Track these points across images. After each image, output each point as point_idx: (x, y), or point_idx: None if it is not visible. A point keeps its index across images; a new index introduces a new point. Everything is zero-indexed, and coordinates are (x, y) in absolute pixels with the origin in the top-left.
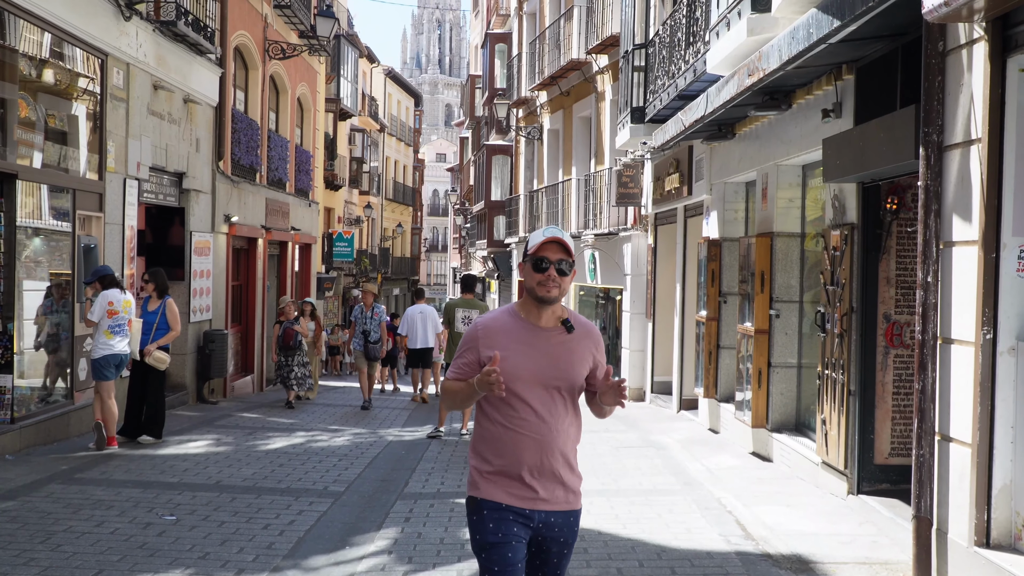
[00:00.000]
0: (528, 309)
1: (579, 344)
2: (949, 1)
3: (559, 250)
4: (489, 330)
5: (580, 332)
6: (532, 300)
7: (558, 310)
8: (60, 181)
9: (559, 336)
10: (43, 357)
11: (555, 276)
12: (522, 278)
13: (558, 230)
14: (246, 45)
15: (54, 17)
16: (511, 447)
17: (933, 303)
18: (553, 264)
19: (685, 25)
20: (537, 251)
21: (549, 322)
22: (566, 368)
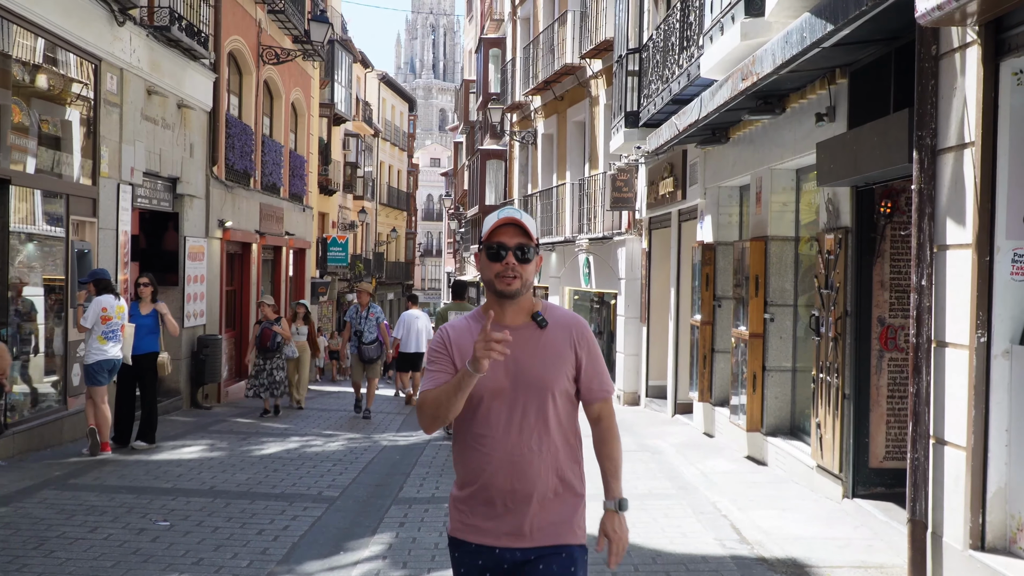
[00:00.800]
0: (492, 306)
1: (554, 340)
2: (942, 5)
3: (517, 233)
4: (456, 332)
5: (556, 327)
6: (493, 296)
7: (527, 304)
8: (54, 186)
9: (530, 333)
10: (36, 362)
11: (514, 265)
12: (479, 271)
13: (515, 210)
14: (240, 50)
15: (48, 23)
16: (479, 469)
17: (927, 306)
18: (511, 250)
19: (679, 29)
20: (491, 236)
21: (517, 319)
22: (540, 371)
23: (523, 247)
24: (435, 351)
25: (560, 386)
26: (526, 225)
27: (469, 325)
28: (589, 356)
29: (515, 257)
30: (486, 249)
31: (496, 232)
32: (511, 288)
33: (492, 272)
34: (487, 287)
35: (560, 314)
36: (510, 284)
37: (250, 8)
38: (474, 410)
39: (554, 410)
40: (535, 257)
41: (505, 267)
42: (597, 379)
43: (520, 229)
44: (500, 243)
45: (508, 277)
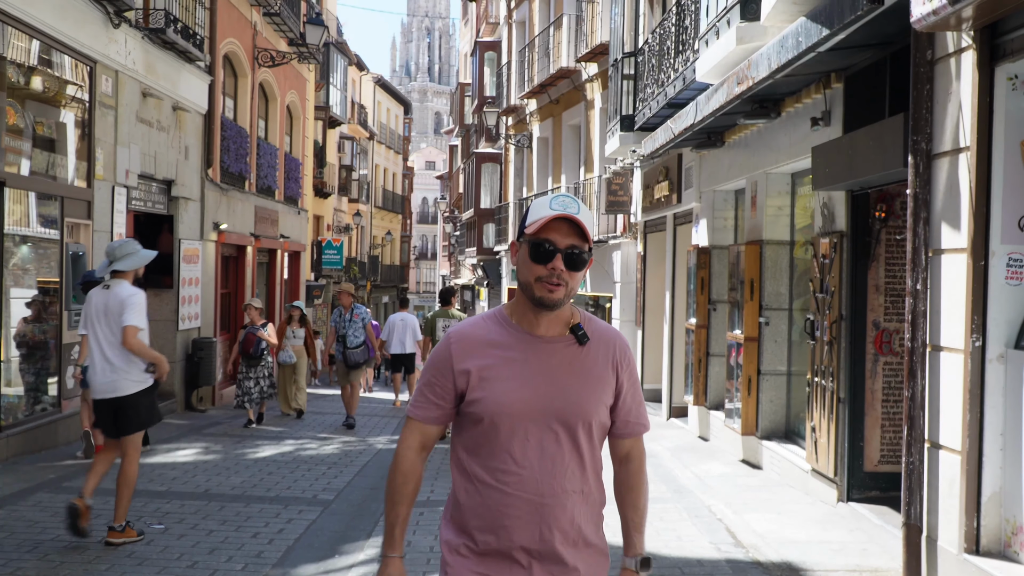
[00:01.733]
0: (522, 313)
1: (596, 361)
2: (937, 10)
3: (572, 232)
4: (467, 341)
5: (597, 343)
6: (527, 302)
7: (566, 313)
8: (48, 189)
9: (567, 349)
10: (30, 365)
11: (562, 270)
12: (515, 267)
13: (571, 199)
14: (235, 53)
15: (43, 24)
16: (497, 515)
17: (922, 311)
18: (561, 252)
19: (674, 34)
20: (539, 230)
21: (552, 329)
22: (577, 396)
23: (576, 251)
24: (432, 365)
25: (599, 416)
26: (583, 224)
27: (486, 331)
28: (630, 381)
29: (565, 261)
30: (531, 246)
31: (547, 227)
32: (553, 297)
33: (533, 274)
34: (522, 289)
35: (600, 328)
36: (553, 292)
37: (245, 11)
38: (493, 435)
39: (588, 444)
40: (587, 264)
41: (551, 272)
42: (636, 409)
43: (576, 228)
44: (550, 241)
45: (552, 284)
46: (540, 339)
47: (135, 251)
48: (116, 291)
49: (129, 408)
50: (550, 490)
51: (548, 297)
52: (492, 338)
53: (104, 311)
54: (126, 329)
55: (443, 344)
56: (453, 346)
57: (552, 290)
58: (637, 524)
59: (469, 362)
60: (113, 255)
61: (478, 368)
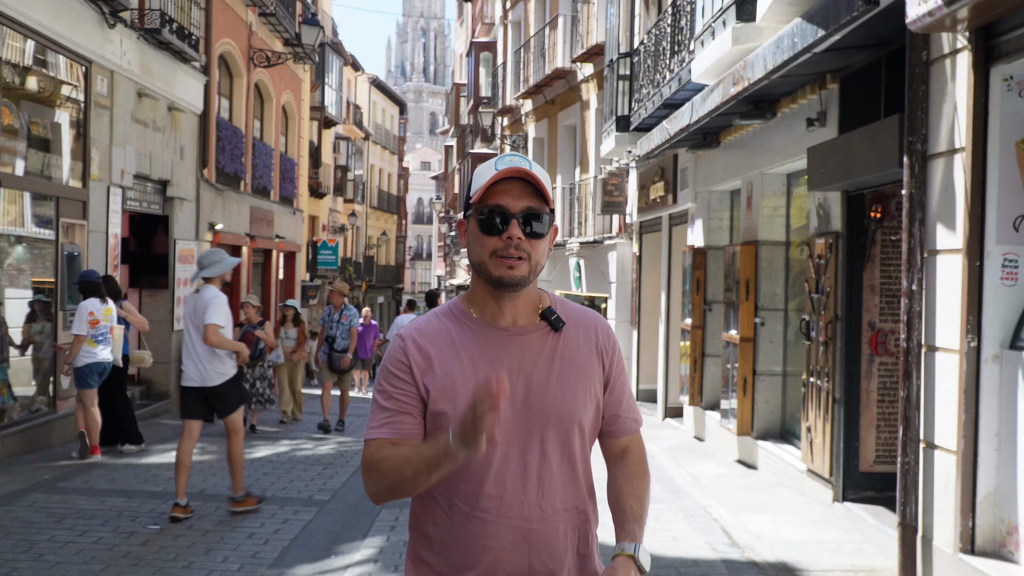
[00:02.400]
0: (481, 302)
1: (577, 349)
2: (933, 11)
3: (525, 191)
4: (423, 342)
5: (575, 328)
6: (485, 286)
7: (533, 297)
8: (43, 189)
9: (541, 340)
10: (26, 365)
11: (520, 238)
12: (465, 247)
13: (521, 157)
14: (231, 53)
15: (38, 24)
16: (476, 548)
17: (918, 311)
18: (516, 217)
19: (670, 34)
20: (487, 196)
21: (520, 318)
22: (562, 393)
23: (534, 214)
24: (390, 371)
25: (587, 414)
26: (539, 179)
27: (444, 327)
28: (618, 368)
29: (522, 228)
30: (477, 215)
31: (494, 190)
32: (514, 274)
33: (486, 250)
34: (476, 272)
35: (576, 311)
36: (513, 268)
37: (241, 11)
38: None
39: (581, 450)
40: (550, 227)
41: (506, 242)
42: (626, 401)
43: (531, 187)
44: (499, 207)
45: (510, 257)
46: (507, 331)
47: (221, 259)
48: (203, 294)
49: (219, 397)
50: (539, 512)
51: (508, 275)
52: (451, 337)
53: (193, 312)
54: (207, 327)
55: (396, 347)
56: (408, 347)
57: (512, 265)
58: (639, 515)
59: (427, 367)
60: (201, 263)
61: (439, 376)
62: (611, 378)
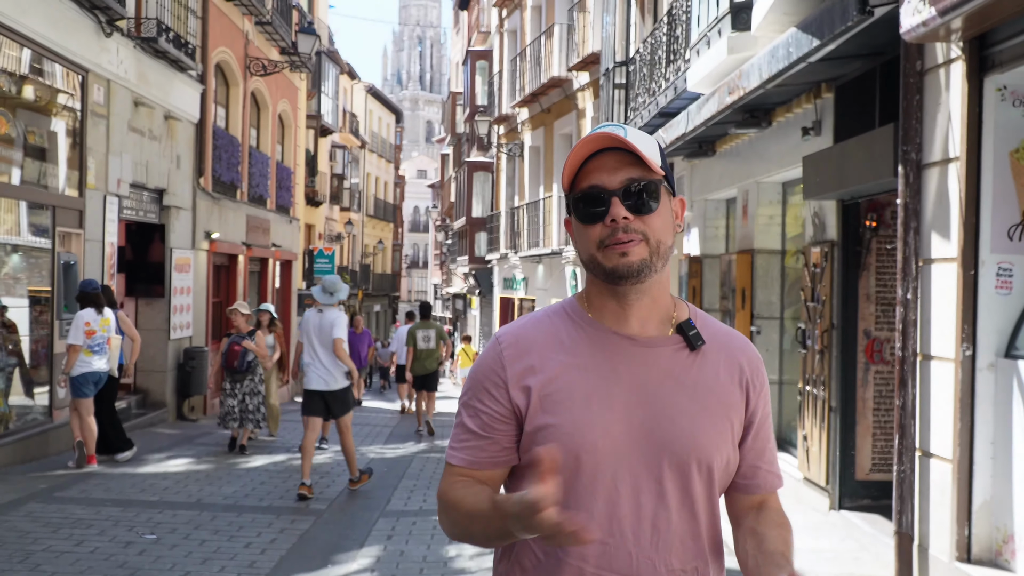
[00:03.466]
0: (600, 303)
1: (716, 375)
2: (927, 21)
3: (623, 161)
4: (524, 343)
5: (716, 349)
6: (603, 285)
7: (666, 304)
8: (40, 198)
9: (673, 356)
10: (22, 374)
11: (627, 217)
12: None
13: (616, 124)
14: (227, 62)
15: (34, 33)
16: None
17: (913, 320)
18: (616, 194)
19: (665, 43)
20: (578, 180)
21: (649, 326)
22: (691, 424)
23: (640, 185)
24: (479, 382)
25: (721, 455)
26: (635, 147)
27: (553, 327)
28: (764, 411)
29: (627, 205)
30: (574, 206)
31: (586, 170)
32: (630, 261)
33: (592, 241)
34: (589, 271)
35: (720, 330)
36: (628, 253)
37: (237, 20)
38: (566, 483)
39: (707, 498)
40: (668, 200)
41: (611, 227)
42: (770, 453)
43: (628, 154)
44: (595, 188)
45: (621, 242)
46: (633, 340)
47: (343, 287)
48: (327, 314)
49: (339, 399)
50: (650, 568)
51: (623, 263)
52: (561, 339)
53: (319, 328)
54: (336, 341)
55: (490, 349)
56: (505, 350)
57: (626, 250)
58: (787, 555)
59: (529, 374)
60: (330, 290)
61: (542, 383)
62: (756, 420)
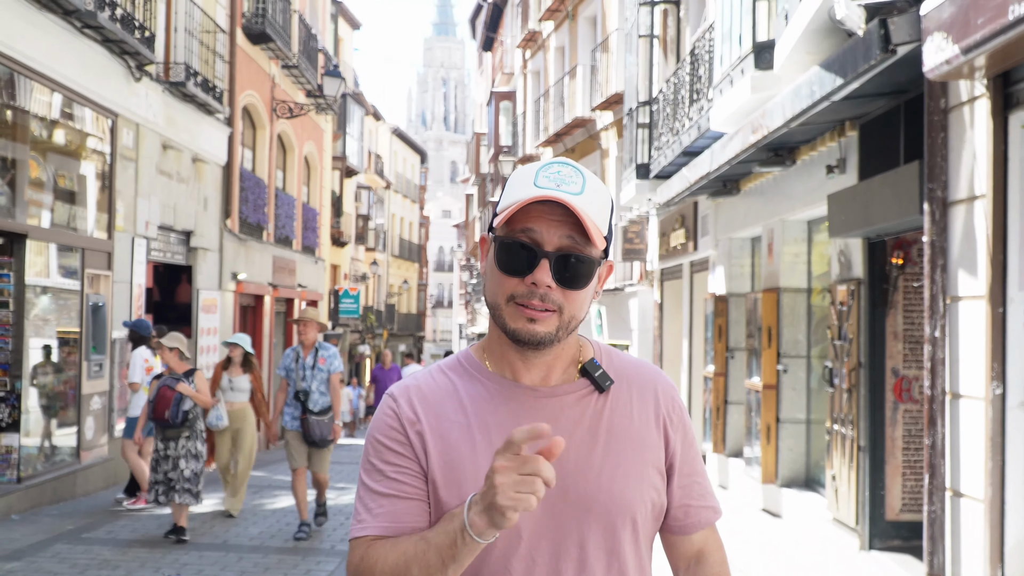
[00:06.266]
0: (500, 353)
1: (630, 415)
2: (951, 59)
3: (569, 219)
4: (420, 398)
5: (627, 388)
6: (504, 337)
7: (570, 347)
8: (69, 240)
9: (580, 403)
10: (50, 416)
11: (549, 285)
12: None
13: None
14: (254, 105)
15: (66, 79)
16: None
17: (941, 358)
18: (548, 256)
19: (688, 83)
20: (515, 219)
21: (552, 374)
22: (609, 477)
23: (576, 259)
24: (379, 442)
25: (645, 505)
26: (586, 223)
27: (448, 384)
28: (686, 442)
29: (555, 271)
30: (498, 246)
31: (527, 214)
32: (535, 330)
33: (503, 291)
34: (492, 315)
35: (627, 365)
36: (535, 321)
37: (264, 64)
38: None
39: (634, 555)
40: (596, 272)
41: (530, 289)
42: (699, 486)
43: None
44: (529, 239)
45: (533, 308)
46: (535, 392)
47: None
48: None
49: None
50: None
51: (528, 330)
52: (458, 397)
53: None
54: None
55: (385, 409)
56: (403, 410)
57: (535, 318)
58: None
59: (425, 435)
60: None
61: (439, 449)
62: (676, 457)
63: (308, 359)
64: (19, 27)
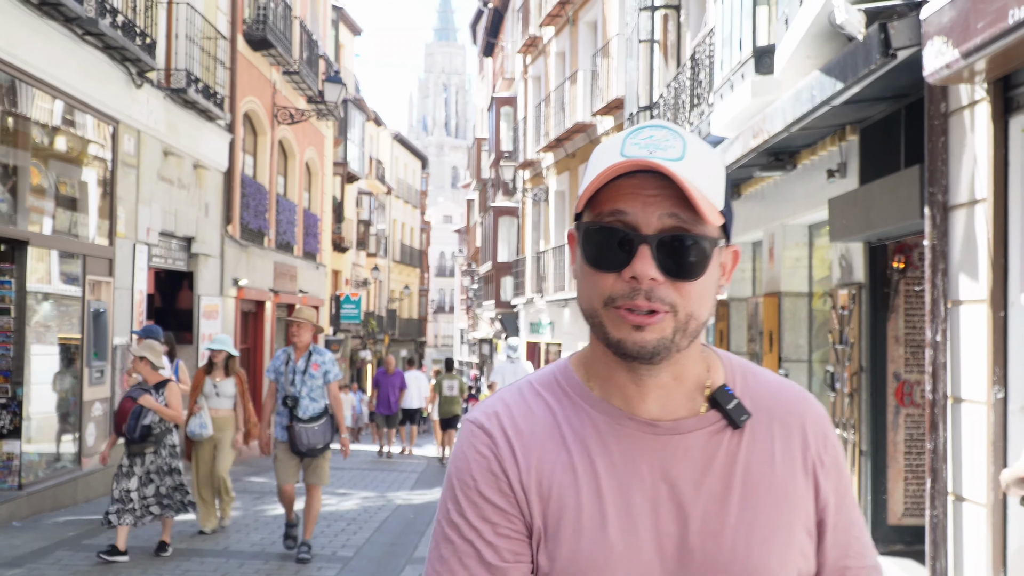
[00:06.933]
0: (605, 373)
1: (769, 460)
2: (951, 64)
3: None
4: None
5: (767, 422)
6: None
7: (693, 366)
8: (70, 247)
9: (708, 441)
10: (52, 422)
11: (655, 279)
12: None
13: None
14: (255, 111)
15: (67, 86)
16: None
17: (943, 362)
18: (646, 241)
19: (689, 87)
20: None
21: (672, 401)
22: (738, 540)
23: (685, 241)
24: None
25: (789, 573)
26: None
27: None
28: (839, 490)
29: (659, 261)
30: (585, 236)
31: (616, 192)
32: (644, 338)
33: (599, 294)
34: (591, 325)
35: (766, 390)
36: (643, 329)
37: (265, 70)
38: None
39: None
40: (718, 256)
41: (630, 285)
42: (856, 543)
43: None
44: (622, 222)
45: (637, 312)
46: (653, 426)
47: (520, 344)
48: (518, 362)
49: None
50: None
51: (634, 340)
52: (559, 429)
53: (513, 372)
54: None
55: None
56: (501, 445)
57: (642, 324)
58: None
59: (529, 485)
60: (516, 348)
61: (543, 499)
62: (829, 510)
63: (300, 363)
64: (21, 34)
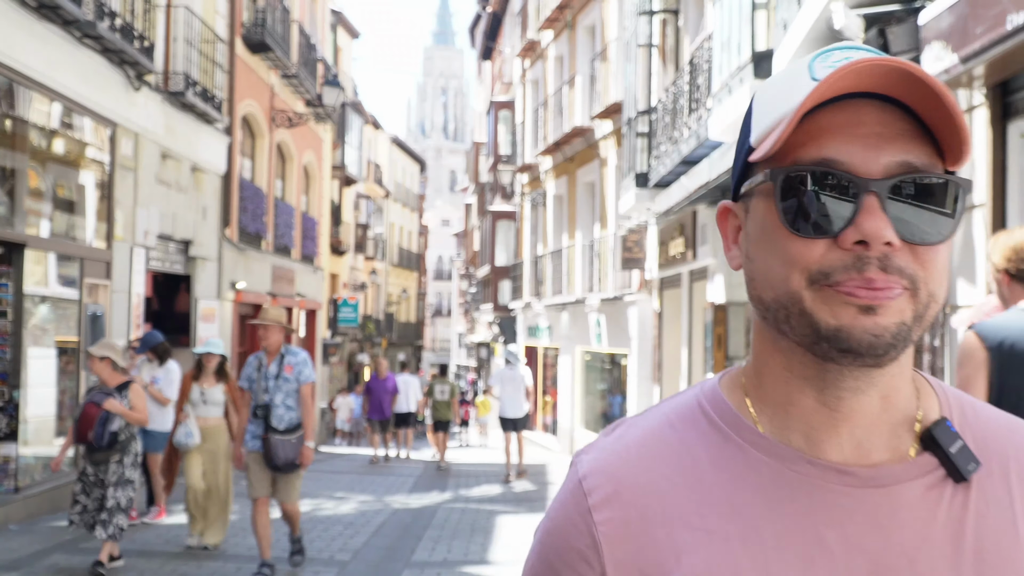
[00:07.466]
0: (783, 398)
1: (1011, 526)
2: (949, 68)
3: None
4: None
5: (999, 470)
6: (797, 355)
7: (902, 394)
8: (68, 250)
9: (924, 497)
10: (49, 425)
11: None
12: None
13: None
14: (253, 114)
15: (65, 88)
16: None
17: (941, 367)
18: (873, 190)
19: (687, 92)
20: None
21: (873, 439)
22: None
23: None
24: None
25: None
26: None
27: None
28: None
29: (894, 219)
30: (783, 190)
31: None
32: (879, 323)
33: (802, 268)
34: (772, 322)
35: (995, 430)
36: (875, 310)
37: (263, 73)
38: None
39: None
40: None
41: (854, 254)
42: None
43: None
44: (834, 166)
45: (872, 287)
46: (846, 475)
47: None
48: (517, 368)
49: (521, 422)
50: None
51: (862, 327)
52: (705, 481)
53: (512, 378)
54: (527, 387)
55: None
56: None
57: (876, 304)
58: None
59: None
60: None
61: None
62: None
63: (272, 367)
64: (19, 37)
